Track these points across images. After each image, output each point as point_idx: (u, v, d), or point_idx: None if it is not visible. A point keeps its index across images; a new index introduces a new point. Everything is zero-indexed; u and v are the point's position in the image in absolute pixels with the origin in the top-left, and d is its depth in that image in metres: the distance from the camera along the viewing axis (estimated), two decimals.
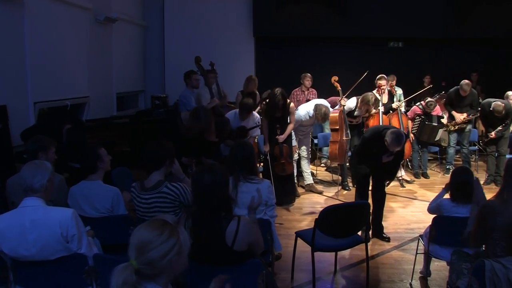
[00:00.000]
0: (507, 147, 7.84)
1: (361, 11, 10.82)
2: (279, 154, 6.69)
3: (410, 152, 8.08)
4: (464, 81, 8.03)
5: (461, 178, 4.09)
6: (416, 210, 6.65)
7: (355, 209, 4.32)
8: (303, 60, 10.79)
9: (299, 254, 4.59)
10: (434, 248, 4.07)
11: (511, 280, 2.86)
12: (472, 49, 11.28)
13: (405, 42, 11.73)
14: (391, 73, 8.67)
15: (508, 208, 3.00)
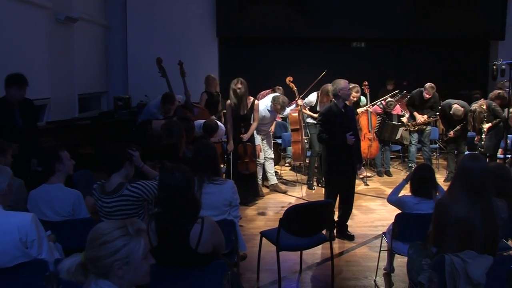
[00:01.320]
0: (465, 145, 8.05)
1: (324, 12, 10.92)
2: (243, 152, 6.69)
3: (378, 152, 8.20)
4: (429, 83, 8.19)
5: (424, 174, 4.18)
6: (379, 208, 6.75)
7: (319, 208, 4.34)
8: (267, 60, 10.86)
9: (264, 254, 4.60)
10: (397, 245, 4.13)
11: (468, 273, 2.93)
12: (433, 49, 11.54)
13: (367, 43, 11.89)
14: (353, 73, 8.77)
15: (456, 204, 3.07)
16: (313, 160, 7.65)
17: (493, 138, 7.55)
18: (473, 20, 11.14)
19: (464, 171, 3.14)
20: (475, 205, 3.03)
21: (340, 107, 5.51)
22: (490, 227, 3.03)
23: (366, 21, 11.01)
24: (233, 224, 3.92)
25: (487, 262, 2.97)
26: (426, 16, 11.12)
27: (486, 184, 3.08)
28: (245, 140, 6.71)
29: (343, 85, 5.48)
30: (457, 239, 3.07)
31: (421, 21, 11.13)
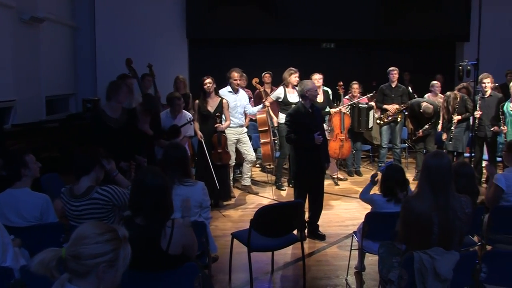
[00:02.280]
0: (434, 144, 8.20)
1: (294, 13, 10.98)
2: (217, 142, 6.65)
3: (349, 152, 8.26)
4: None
5: (392, 174, 4.23)
6: (350, 207, 6.81)
7: (290, 209, 4.36)
8: (237, 61, 10.79)
9: (235, 255, 4.57)
10: (367, 244, 4.17)
11: (436, 269, 2.98)
12: (402, 49, 11.72)
13: (337, 43, 12.00)
14: (323, 74, 8.80)
15: (420, 200, 3.12)
16: (281, 161, 7.67)
17: (462, 135, 7.71)
18: (440, 22, 11.37)
19: (427, 168, 3.19)
20: (436, 202, 3.08)
21: (307, 108, 5.54)
22: (451, 224, 3.08)
23: (336, 22, 11.12)
24: (204, 226, 3.91)
25: (454, 258, 3.03)
26: (395, 17, 11.30)
27: (448, 181, 3.13)
28: (221, 130, 6.69)
29: (310, 86, 5.56)
30: (420, 235, 3.12)
31: (390, 22, 11.30)
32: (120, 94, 5.09)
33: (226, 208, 6.79)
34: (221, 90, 6.98)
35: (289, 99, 7.42)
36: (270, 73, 8.68)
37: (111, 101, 5.12)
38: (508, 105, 7.20)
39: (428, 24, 11.30)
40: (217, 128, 6.64)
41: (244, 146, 7.27)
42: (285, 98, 7.42)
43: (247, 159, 7.33)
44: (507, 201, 4.25)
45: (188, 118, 6.46)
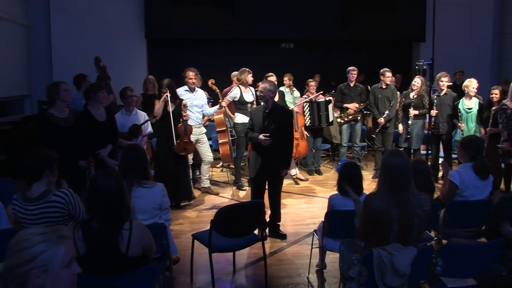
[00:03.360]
0: (391, 142, 8.36)
1: (253, 13, 11.02)
2: (183, 132, 6.59)
3: (307, 151, 8.32)
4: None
5: (350, 172, 4.28)
6: (310, 206, 6.86)
7: (250, 209, 4.36)
8: (197, 61, 10.71)
9: (197, 256, 4.56)
10: (328, 242, 4.20)
11: (395, 265, 3.03)
12: (361, 50, 11.91)
13: (296, 43, 12.10)
14: (282, 73, 8.87)
15: (379, 198, 3.18)
16: (238, 161, 7.67)
17: (418, 132, 7.89)
18: (397, 23, 11.65)
19: (386, 166, 3.25)
20: (396, 199, 3.14)
21: (264, 109, 5.54)
22: (409, 221, 3.14)
23: (295, 22, 11.22)
24: (164, 228, 3.86)
25: (412, 253, 3.08)
26: (353, 18, 11.49)
27: (407, 178, 3.19)
28: (186, 120, 6.64)
29: (270, 87, 5.52)
30: (380, 232, 3.17)
31: (348, 22, 11.50)
32: (62, 94, 5.01)
33: (186, 209, 6.75)
34: (178, 90, 6.92)
35: (245, 98, 7.44)
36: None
37: (55, 103, 5.02)
38: (463, 102, 7.41)
39: (386, 24, 11.56)
40: (184, 117, 6.59)
41: (203, 147, 7.25)
42: (241, 97, 7.42)
43: (205, 160, 7.30)
44: (461, 197, 4.36)
45: (145, 117, 6.39)
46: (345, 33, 11.64)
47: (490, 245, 3.52)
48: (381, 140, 8.31)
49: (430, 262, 3.24)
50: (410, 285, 3.18)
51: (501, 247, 3.38)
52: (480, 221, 4.24)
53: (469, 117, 7.37)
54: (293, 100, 8.62)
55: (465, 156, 4.50)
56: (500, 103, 6.68)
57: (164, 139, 6.61)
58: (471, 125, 7.35)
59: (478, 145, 4.58)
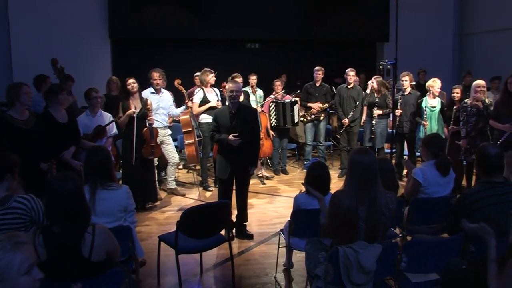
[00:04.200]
0: (356, 141, 8.46)
1: (218, 13, 11.01)
2: (149, 136, 6.51)
3: (271, 151, 8.33)
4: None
5: (317, 172, 4.31)
6: (277, 205, 6.88)
7: (216, 209, 4.34)
8: (162, 62, 10.64)
9: (164, 258, 4.52)
10: (294, 241, 4.22)
11: (360, 262, 3.06)
12: (325, 50, 12.03)
13: (261, 44, 12.13)
14: (248, 74, 8.87)
15: (346, 196, 3.21)
16: (204, 161, 7.64)
17: (382, 131, 8.02)
18: (361, 23, 11.83)
19: (352, 164, 3.28)
20: (362, 197, 3.17)
21: (230, 109, 5.54)
22: (376, 219, 3.18)
23: (260, 22, 11.25)
24: (130, 230, 3.81)
25: (377, 250, 3.12)
26: (318, 18, 11.60)
27: (374, 176, 3.22)
28: (152, 123, 6.56)
29: (229, 87, 5.57)
30: (346, 230, 3.20)
31: (313, 23, 11.60)
32: (22, 97, 4.90)
33: (153, 211, 6.68)
34: (144, 92, 6.84)
35: (209, 98, 7.40)
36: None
37: (15, 105, 4.91)
38: (426, 101, 7.55)
39: (351, 25, 11.72)
40: (149, 121, 6.51)
41: (168, 148, 7.17)
42: (205, 98, 7.39)
43: (171, 161, 7.23)
44: (425, 194, 4.44)
45: (110, 118, 6.31)
46: (310, 33, 11.75)
47: (451, 240, 3.59)
48: (346, 139, 8.39)
49: (394, 259, 3.29)
50: (376, 281, 3.22)
51: (462, 242, 3.46)
52: (443, 217, 4.32)
53: (432, 115, 7.52)
54: (256, 100, 8.62)
55: (428, 154, 4.59)
56: (462, 101, 6.86)
57: (129, 140, 6.51)
58: (434, 123, 7.50)
59: (439, 143, 4.69)
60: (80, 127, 5.79)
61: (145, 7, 10.75)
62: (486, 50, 11.94)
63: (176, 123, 8.18)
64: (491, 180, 3.70)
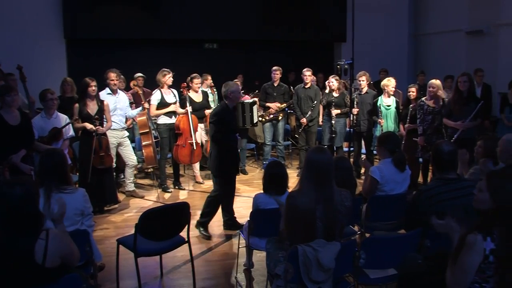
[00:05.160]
0: (315, 141, 8.54)
1: (176, 13, 10.94)
2: (98, 146, 6.39)
3: None
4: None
5: (274, 171, 4.33)
6: (237, 205, 6.78)
7: (175, 210, 4.30)
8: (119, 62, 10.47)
9: (123, 261, 4.45)
10: (254, 241, 4.22)
11: (319, 260, 3.09)
12: (284, 49, 12.10)
13: (220, 44, 12.11)
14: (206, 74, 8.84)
15: (303, 195, 3.24)
16: (163, 162, 7.57)
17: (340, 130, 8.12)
18: (318, 23, 11.98)
19: (309, 163, 3.30)
20: (319, 196, 3.20)
21: (231, 108, 5.78)
22: (332, 217, 3.22)
23: (218, 22, 11.24)
24: (87, 234, 3.74)
25: (335, 248, 3.16)
26: (276, 18, 11.67)
27: (329, 175, 3.26)
28: (101, 133, 6.41)
29: (234, 88, 5.83)
30: (304, 229, 3.23)
31: (271, 23, 11.66)
32: None
33: (111, 214, 6.58)
34: (100, 93, 6.71)
35: (166, 99, 7.35)
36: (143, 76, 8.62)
37: None
38: (382, 100, 7.70)
39: (308, 25, 11.84)
40: (97, 131, 6.37)
41: (125, 150, 7.05)
42: (163, 99, 7.33)
43: (129, 164, 7.12)
44: (382, 191, 4.51)
45: (66, 120, 6.16)
46: (268, 34, 11.80)
47: (408, 236, 3.67)
48: (304, 139, 8.45)
49: (353, 256, 3.33)
50: (335, 279, 3.26)
51: (418, 237, 3.54)
52: (400, 214, 4.41)
53: (388, 114, 7.66)
54: (215, 100, 8.59)
55: (384, 152, 4.66)
56: (418, 100, 7.03)
57: (87, 142, 6.38)
58: (390, 122, 7.65)
59: (394, 140, 4.79)
60: (35, 129, 5.62)
61: (101, 6, 10.57)
62: (439, 50, 12.27)
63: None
64: (444, 177, 3.81)
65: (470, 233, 2.64)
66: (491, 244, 2.59)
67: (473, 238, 2.61)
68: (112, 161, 6.72)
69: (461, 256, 2.64)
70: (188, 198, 7.23)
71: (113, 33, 10.74)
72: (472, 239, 2.61)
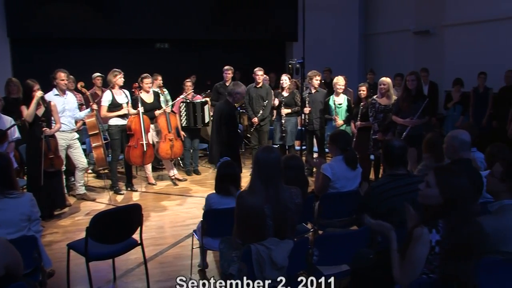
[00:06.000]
0: (267, 140, 8.57)
1: (125, 12, 10.80)
2: (47, 148, 6.20)
3: (181, 151, 8.22)
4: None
5: (226, 171, 4.33)
6: (190, 206, 6.84)
7: (127, 213, 4.23)
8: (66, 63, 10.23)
9: (74, 267, 4.35)
10: (208, 241, 4.21)
11: (273, 258, 3.11)
12: (236, 49, 12.12)
13: (171, 43, 12.00)
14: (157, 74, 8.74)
15: (252, 194, 3.26)
16: (114, 164, 7.44)
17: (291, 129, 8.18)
18: (270, 23, 12.06)
19: (257, 162, 3.32)
20: (268, 195, 3.22)
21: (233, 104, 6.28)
22: (282, 215, 3.24)
23: (169, 22, 11.15)
24: (34, 240, 3.63)
25: (288, 246, 3.19)
26: (228, 18, 11.69)
27: (277, 174, 3.28)
28: (48, 135, 6.23)
29: (241, 90, 6.28)
30: (255, 229, 3.24)
31: (223, 22, 11.68)
32: None
33: (61, 218, 6.41)
34: (47, 95, 6.51)
35: (118, 100, 7.23)
36: (102, 76, 8.43)
37: None
38: (333, 98, 7.81)
39: (260, 24, 11.89)
40: (44, 133, 6.19)
41: (75, 152, 6.88)
42: (114, 100, 7.20)
43: (79, 166, 6.96)
44: (334, 188, 4.58)
45: (10, 122, 5.96)
46: (220, 33, 11.80)
47: (360, 232, 3.74)
48: (257, 138, 8.45)
49: (306, 253, 3.37)
50: (289, 276, 3.28)
51: (369, 233, 3.61)
52: (352, 211, 4.49)
53: (339, 112, 7.78)
54: (165, 100, 8.51)
55: (336, 149, 4.72)
56: (369, 98, 7.17)
57: (34, 145, 6.18)
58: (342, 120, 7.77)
59: (345, 138, 4.86)
60: None
61: (46, 4, 10.30)
62: (388, 49, 12.59)
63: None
64: (394, 173, 3.90)
65: (417, 227, 2.72)
66: (436, 235, 2.68)
67: (419, 231, 2.69)
68: (62, 163, 6.56)
69: (409, 250, 2.72)
70: (140, 200, 7.15)
71: (60, 33, 10.49)
72: (419, 232, 2.69)
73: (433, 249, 2.68)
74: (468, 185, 2.79)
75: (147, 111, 7.46)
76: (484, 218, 3.07)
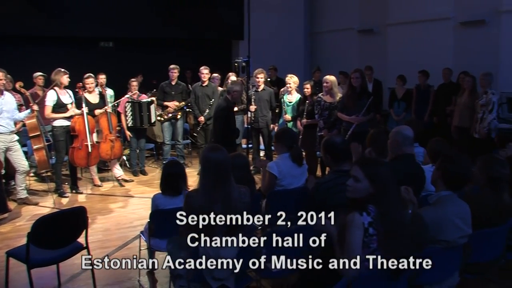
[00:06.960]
0: None
1: (69, 9, 10.51)
2: None
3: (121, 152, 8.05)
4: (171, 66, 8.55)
5: (171, 171, 4.28)
6: (137, 207, 6.76)
7: (71, 216, 4.12)
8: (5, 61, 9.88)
9: (14, 275, 4.19)
10: (155, 242, 4.17)
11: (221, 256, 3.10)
12: (182, 48, 12.03)
13: (116, 42, 11.80)
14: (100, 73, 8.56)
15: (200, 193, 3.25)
16: (59, 166, 7.25)
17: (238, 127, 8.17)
18: (216, 22, 12.04)
19: (205, 162, 3.32)
20: (216, 194, 3.22)
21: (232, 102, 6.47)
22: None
23: (113, 20, 10.97)
24: None
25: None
26: (173, 16, 11.59)
27: (227, 172, 3.29)
28: None
29: (239, 88, 6.50)
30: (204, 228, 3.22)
31: (168, 21, 11.58)
32: None
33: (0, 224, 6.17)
34: None
35: (63, 100, 7.05)
36: (43, 75, 8.16)
37: None
38: (286, 96, 7.92)
39: (205, 23, 11.85)
40: None
41: (15, 155, 6.61)
42: (59, 100, 7.01)
43: (19, 169, 6.70)
44: (280, 186, 4.60)
45: None
46: (166, 32, 11.70)
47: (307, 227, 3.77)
48: (203, 137, 8.44)
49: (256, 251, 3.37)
50: (238, 275, 3.28)
51: None
52: (299, 208, 4.52)
53: (288, 110, 7.88)
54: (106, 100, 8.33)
55: (282, 147, 4.75)
56: (315, 96, 7.27)
57: None
58: None
59: (291, 135, 4.92)
60: None
61: None
62: (333, 47, 12.82)
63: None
64: (340, 169, 3.96)
65: (348, 214, 2.81)
66: (367, 217, 2.77)
67: (351, 216, 2.79)
68: (1, 167, 6.31)
69: (346, 238, 2.80)
70: (86, 202, 6.99)
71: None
72: (350, 217, 2.79)
73: (367, 231, 2.76)
74: (391, 172, 2.91)
75: (91, 111, 7.30)
76: (424, 209, 3.20)
